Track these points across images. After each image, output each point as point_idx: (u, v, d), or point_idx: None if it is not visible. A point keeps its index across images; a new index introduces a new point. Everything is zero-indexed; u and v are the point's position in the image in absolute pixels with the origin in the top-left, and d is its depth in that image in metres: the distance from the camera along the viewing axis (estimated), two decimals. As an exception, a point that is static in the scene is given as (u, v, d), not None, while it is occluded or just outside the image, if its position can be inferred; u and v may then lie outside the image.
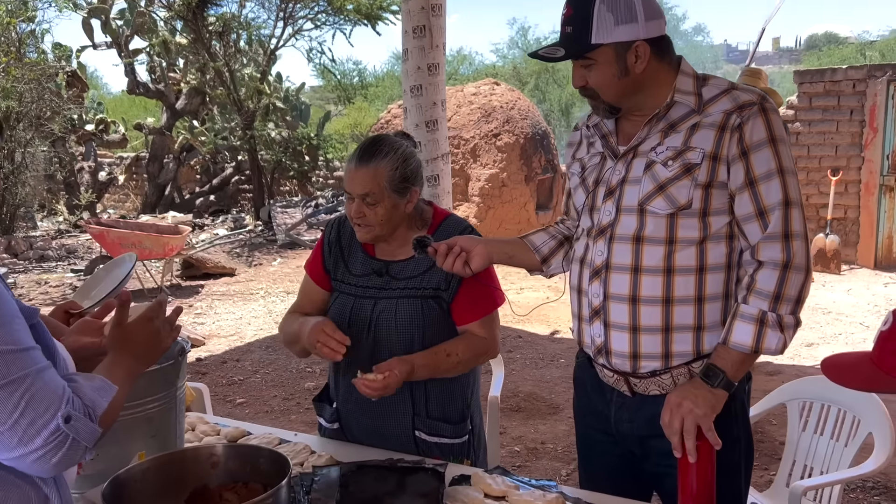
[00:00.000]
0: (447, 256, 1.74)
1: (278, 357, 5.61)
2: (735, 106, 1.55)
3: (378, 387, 1.71)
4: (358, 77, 27.82)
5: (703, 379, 1.56)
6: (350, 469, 1.66)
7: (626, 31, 1.54)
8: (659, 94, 1.61)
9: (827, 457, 2.35)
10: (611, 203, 1.65)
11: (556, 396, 4.68)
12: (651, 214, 1.59)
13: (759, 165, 1.53)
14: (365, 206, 1.80)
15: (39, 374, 1.03)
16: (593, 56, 1.57)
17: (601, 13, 1.54)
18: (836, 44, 29.89)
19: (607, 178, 1.68)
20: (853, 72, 8.38)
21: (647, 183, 1.59)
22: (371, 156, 1.79)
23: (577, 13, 1.57)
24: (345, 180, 1.84)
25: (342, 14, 11.08)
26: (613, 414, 1.75)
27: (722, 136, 1.54)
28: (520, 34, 27.25)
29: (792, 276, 1.52)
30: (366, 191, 1.78)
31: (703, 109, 1.58)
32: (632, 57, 1.57)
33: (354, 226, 1.87)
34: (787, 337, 1.53)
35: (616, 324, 1.65)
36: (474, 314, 1.88)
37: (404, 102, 5.30)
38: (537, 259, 1.88)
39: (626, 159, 1.65)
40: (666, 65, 1.62)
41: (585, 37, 1.55)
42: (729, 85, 1.60)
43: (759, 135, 1.53)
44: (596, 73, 1.59)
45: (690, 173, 1.55)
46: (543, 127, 9.98)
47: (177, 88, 12.72)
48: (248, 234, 10.80)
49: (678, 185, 1.56)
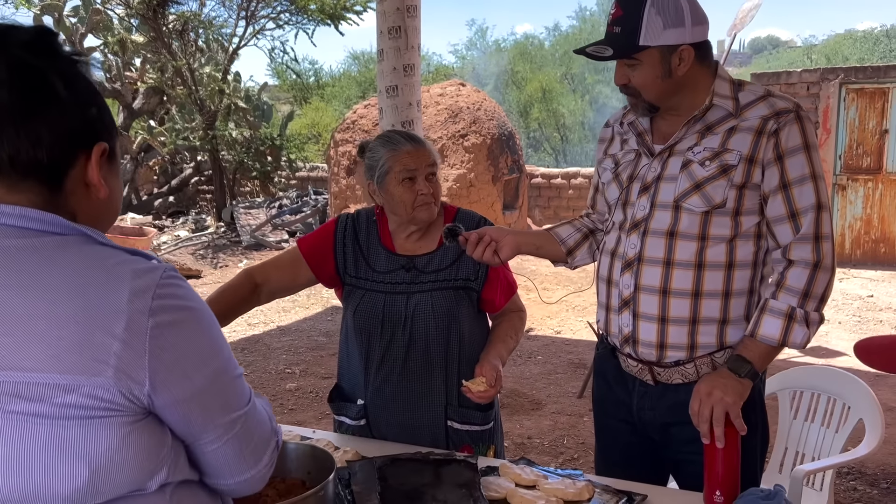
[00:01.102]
0: (477, 245, 1.79)
1: (255, 359, 5.57)
2: (772, 112, 1.62)
3: (493, 394, 1.81)
4: (314, 77, 27.60)
5: (731, 369, 1.63)
6: (385, 462, 1.68)
7: (674, 34, 1.60)
8: (696, 96, 1.68)
9: (818, 443, 2.47)
10: (645, 198, 1.72)
11: (537, 392, 4.76)
12: (686, 211, 1.66)
13: (794, 170, 1.60)
14: (429, 183, 1.88)
15: (253, 394, 1.05)
16: (640, 57, 1.63)
17: (651, 16, 1.59)
18: (780, 47, 30.81)
19: (642, 174, 1.74)
20: (807, 74, 8.69)
21: (684, 181, 1.66)
22: (417, 138, 1.91)
23: (627, 14, 1.61)
24: (403, 163, 1.86)
25: (305, 14, 11.00)
26: (636, 402, 1.82)
27: (759, 140, 1.61)
28: (478, 35, 27.40)
29: (820, 275, 1.61)
30: (433, 162, 1.88)
31: (741, 113, 1.65)
32: (676, 59, 1.62)
33: (421, 206, 1.88)
34: (811, 332, 1.62)
35: (645, 314, 1.71)
36: (506, 296, 2.01)
37: (379, 103, 5.31)
38: (563, 251, 1.94)
39: (661, 157, 1.72)
40: (706, 68, 1.68)
41: (634, 38, 1.60)
42: (765, 91, 1.67)
43: (795, 141, 1.60)
44: (640, 73, 1.65)
45: (727, 174, 1.62)
46: (509, 128, 10.08)
47: (133, 88, 12.46)
48: (211, 235, 10.65)
49: (714, 185, 1.63)
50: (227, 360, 0.98)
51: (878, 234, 8.64)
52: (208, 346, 0.95)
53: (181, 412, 0.93)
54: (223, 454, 0.99)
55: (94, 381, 0.85)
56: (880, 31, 24.21)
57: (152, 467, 0.91)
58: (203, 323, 0.94)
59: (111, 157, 0.99)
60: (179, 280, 0.93)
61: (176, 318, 0.90)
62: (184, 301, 0.92)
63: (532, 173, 11.14)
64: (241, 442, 0.99)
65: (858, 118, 8.48)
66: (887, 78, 8.35)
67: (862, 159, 8.55)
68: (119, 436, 0.87)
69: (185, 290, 0.93)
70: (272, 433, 1.06)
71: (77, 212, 0.95)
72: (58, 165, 0.92)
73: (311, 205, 11.10)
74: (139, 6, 10.19)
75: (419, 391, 1.88)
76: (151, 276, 0.90)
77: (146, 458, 0.90)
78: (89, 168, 0.94)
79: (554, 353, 5.58)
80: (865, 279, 8.00)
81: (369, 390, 1.96)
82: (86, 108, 0.95)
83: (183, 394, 0.92)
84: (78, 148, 0.94)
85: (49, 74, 0.91)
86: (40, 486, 0.85)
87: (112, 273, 0.89)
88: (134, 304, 0.87)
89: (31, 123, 0.89)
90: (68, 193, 0.93)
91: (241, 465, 1.01)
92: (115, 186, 1.00)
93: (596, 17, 24.51)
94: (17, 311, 0.85)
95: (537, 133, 21.38)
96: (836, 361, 5.28)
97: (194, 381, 0.92)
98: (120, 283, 0.88)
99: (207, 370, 0.94)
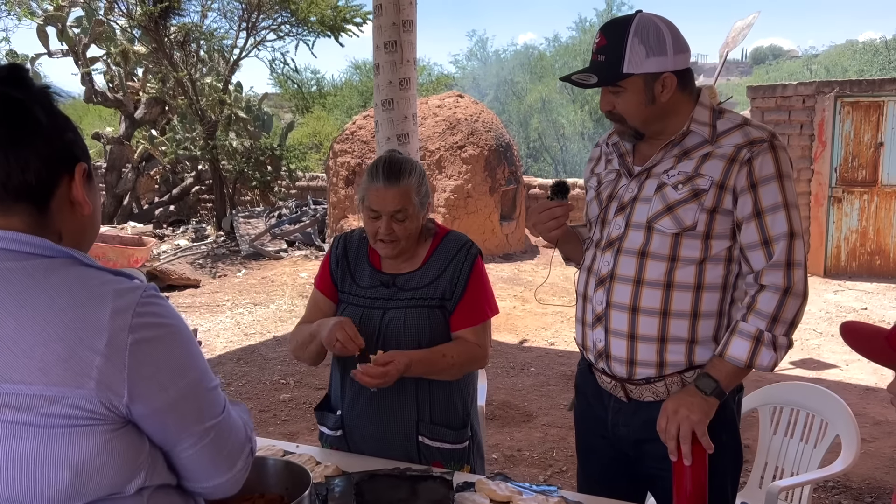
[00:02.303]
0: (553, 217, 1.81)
1: (251, 369, 5.61)
2: (746, 141, 1.67)
3: (377, 373, 1.77)
4: (316, 86, 27.71)
5: (697, 387, 1.67)
6: (363, 478, 1.73)
7: (656, 62, 1.66)
8: (678, 121, 1.73)
9: (797, 458, 2.50)
10: (621, 218, 1.77)
11: (528, 404, 4.80)
12: (657, 232, 1.71)
13: (767, 198, 1.65)
14: (395, 223, 1.88)
15: (228, 403, 1.11)
16: (624, 84, 1.68)
17: (634, 45, 1.65)
18: (781, 57, 30.91)
19: (620, 194, 1.80)
20: (803, 87, 8.74)
21: (657, 202, 1.71)
22: (398, 175, 1.88)
23: (611, 44, 1.67)
24: (369, 200, 1.90)
25: (306, 25, 11.09)
26: (610, 418, 1.87)
27: (731, 168, 1.66)
28: (479, 45, 27.51)
29: (790, 300, 1.65)
30: (399, 207, 1.87)
31: (716, 140, 1.70)
32: (659, 87, 1.68)
33: (379, 243, 1.92)
34: (778, 356, 1.66)
35: (616, 331, 1.76)
36: (468, 321, 1.97)
37: (376, 116, 5.38)
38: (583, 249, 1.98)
39: (639, 179, 1.77)
40: (687, 95, 1.74)
41: (617, 66, 1.66)
42: (742, 120, 1.72)
43: (768, 170, 1.65)
44: (624, 100, 1.70)
45: (698, 198, 1.67)
46: (507, 139, 10.14)
47: (135, 98, 12.55)
48: (210, 244, 10.71)
49: (685, 208, 1.68)
50: (202, 372, 1.05)
51: (874, 246, 8.67)
52: (184, 360, 1.02)
53: (158, 421, 1.00)
54: (198, 459, 1.06)
55: (77, 393, 0.93)
56: (880, 43, 24.29)
57: (131, 472, 0.99)
58: (179, 338, 1.02)
59: (89, 177, 1.07)
60: (158, 298, 1.01)
61: (154, 335, 0.98)
62: (162, 318, 1.00)
63: (530, 184, 11.19)
64: (215, 448, 1.07)
65: (854, 131, 8.52)
66: (882, 91, 8.40)
67: (857, 172, 8.59)
68: (100, 443, 0.95)
69: (163, 308, 1.01)
70: (246, 440, 1.13)
71: (63, 230, 1.03)
72: (45, 187, 1.01)
73: (311, 214, 11.15)
74: (141, 17, 10.28)
75: (390, 405, 1.92)
76: (132, 296, 0.98)
77: (125, 464, 0.98)
78: (73, 187, 1.03)
79: (547, 365, 5.61)
80: (860, 291, 8.03)
81: (345, 402, 2.01)
82: (64, 132, 1.04)
83: (159, 404, 0.99)
84: (61, 169, 1.02)
85: (30, 105, 1.00)
86: (27, 488, 0.93)
87: (95, 293, 0.96)
88: (115, 322, 0.95)
89: (19, 150, 0.98)
90: (55, 212, 1.02)
91: (215, 470, 1.08)
92: (96, 203, 1.09)
93: (595, 28, 24.58)
94: (8, 330, 0.93)
95: (537, 143, 21.45)
96: (827, 374, 5.31)
97: (170, 393, 1.00)
98: (102, 302, 0.96)
99: (183, 382, 1.01)
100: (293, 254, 10.18)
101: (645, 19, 1.67)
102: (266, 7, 10.95)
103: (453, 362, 1.92)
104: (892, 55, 22.48)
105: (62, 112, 1.05)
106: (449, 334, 1.97)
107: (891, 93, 8.33)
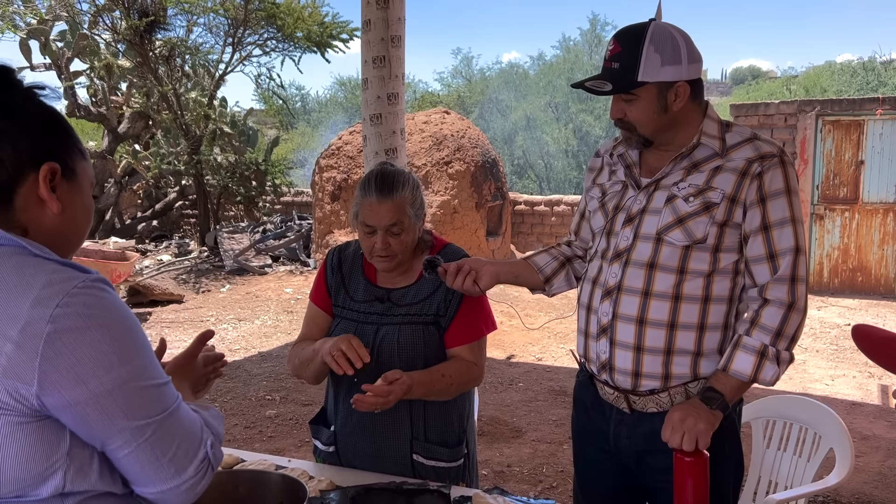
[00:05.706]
0: (457, 276, 1.82)
1: (235, 385, 5.53)
2: (758, 155, 1.67)
3: (383, 391, 1.71)
4: (301, 102, 27.75)
5: (703, 400, 1.66)
6: (358, 492, 1.70)
7: (671, 71, 1.66)
8: (688, 132, 1.73)
9: (790, 472, 2.50)
10: (629, 230, 1.76)
11: (517, 420, 4.77)
12: (667, 244, 1.70)
13: (775, 213, 1.65)
14: (390, 237, 1.86)
15: (180, 405, 1.06)
16: (638, 92, 1.68)
17: (649, 53, 1.64)
18: (760, 77, 31.37)
19: (628, 205, 1.79)
20: (784, 106, 8.86)
21: (668, 215, 1.71)
22: (392, 188, 1.85)
23: (626, 51, 1.67)
24: (363, 215, 1.88)
25: (292, 41, 11.10)
26: (612, 430, 1.85)
27: (742, 181, 1.67)
28: (464, 64, 27.68)
29: (794, 316, 1.65)
30: (394, 221, 1.84)
31: (727, 154, 1.70)
32: (672, 95, 1.68)
33: (376, 258, 1.90)
34: (781, 370, 1.66)
35: (622, 342, 1.75)
36: (464, 338, 1.93)
37: (364, 130, 5.37)
38: (541, 279, 1.97)
39: (647, 191, 1.76)
40: (697, 106, 1.74)
41: (632, 74, 1.66)
42: (752, 134, 1.72)
43: (778, 184, 1.66)
44: (636, 108, 1.70)
45: (709, 211, 1.67)
46: (493, 155, 10.18)
47: (119, 112, 12.47)
48: (194, 259, 10.61)
49: (696, 221, 1.67)
50: (139, 368, 1.00)
51: (856, 262, 8.77)
52: (113, 353, 0.97)
53: (77, 415, 0.95)
54: (136, 460, 1.00)
55: None
56: (857, 64, 24.74)
57: (41, 470, 0.95)
58: (111, 331, 0.97)
59: (68, 176, 1.05)
60: (99, 291, 0.97)
61: (79, 325, 0.94)
62: (94, 310, 0.96)
63: (515, 200, 11.22)
64: (156, 449, 1.01)
65: (835, 149, 8.64)
66: (862, 110, 8.53)
67: (839, 189, 8.70)
68: (1, 434, 0.92)
69: (99, 300, 0.97)
70: (200, 444, 1.06)
71: (29, 226, 1.02)
72: (5, 184, 1.00)
73: (295, 230, 11.10)
74: (126, 31, 10.24)
75: (384, 422, 1.89)
76: (63, 286, 0.95)
77: (33, 459, 0.94)
78: (39, 185, 1.01)
79: (535, 381, 5.59)
80: (843, 308, 8.10)
81: (339, 418, 1.98)
82: (30, 130, 1.02)
83: (76, 397, 0.94)
84: (26, 168, 1.01)
85: None
86: None
87: (24, 281, 0.94)
88: (34, 311, 0.92)
89: None
90: (18, 210, 1.01)
91: (160, 474, 1.02)
92: (77, 204, 1.07)
93: (579, 47, 24.85)
94: None
95: (521, 160, 21.56)
96: (813, 388, 5.33)
97: (90, 386, 0.95)
98: (27, 290, 0.94)
99: (108, 377, 0.96)
100: (278, 269, 10.11)
101: (660, 28, 1.67)
102: (252, 22, 10.95)
103: (452, 382, 1.89)
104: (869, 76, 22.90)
105: (41, 110, 1.03)
106: (443, 351, 1.93)
107: (871, 112, 8.46)
